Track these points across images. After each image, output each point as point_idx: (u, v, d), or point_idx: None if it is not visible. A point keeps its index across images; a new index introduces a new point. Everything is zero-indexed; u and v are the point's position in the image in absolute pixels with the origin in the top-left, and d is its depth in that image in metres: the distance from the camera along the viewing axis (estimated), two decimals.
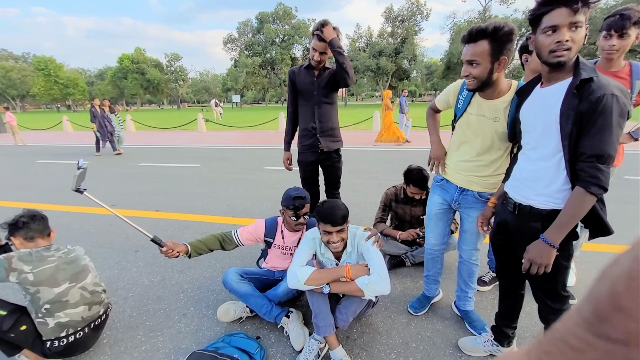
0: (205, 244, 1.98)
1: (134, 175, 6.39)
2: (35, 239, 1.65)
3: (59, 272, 1.62)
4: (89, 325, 1.71)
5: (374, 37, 42.33)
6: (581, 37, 1.10)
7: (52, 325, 1.58)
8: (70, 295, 1.63)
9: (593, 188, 1.12)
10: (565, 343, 0.29)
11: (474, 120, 1.63)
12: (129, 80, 54.93)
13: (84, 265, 1.74)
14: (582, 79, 1.10)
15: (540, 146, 1.28)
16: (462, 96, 1.67)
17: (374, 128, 12.78)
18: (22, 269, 1.53)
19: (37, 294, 1.55)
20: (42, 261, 1.59)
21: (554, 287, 1.34)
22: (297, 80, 2.53)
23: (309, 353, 1.68)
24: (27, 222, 1.63)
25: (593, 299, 0.28)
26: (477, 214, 1.75)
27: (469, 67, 1.45)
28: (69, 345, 1.63)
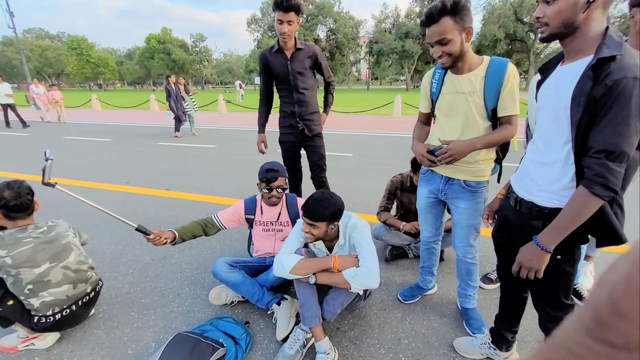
0: (190, 230, 1.99)
1: (150, 153, 6.53)
2: (15, 220, 1.62)
3: (38, 253, 1.60)
4: (76, 303, 1.73)
5: (402, 17, 40.51)
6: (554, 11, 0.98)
7: (38, 306, 1.60)
8: (52, 275, 1.62)
9: (597, 188, 0.95)
10: (567, 350, 0.29)
11: (449, 99, 1.54)
12: (156, 60, 55.89)
13: (65, 244, 1.72)
14: (600, 58, 0.91)
15: (549, 135, 1.11)
16: (435, 79, 1.59)
17: (394, 113, 12.37)
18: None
19: (18, 275, 1.55)
20: (17, 243, 1.56)
21: (554, 294, 1.20)
22: (271, 65, 2.44)
23: (295, 342, 1.64)
24: (10, 202, 1.57)
25: (593, 305, 0.28)
26: (465, 204, 1.63)
27: (440, 47, 1.39)
28: (57, 322, 1.65)
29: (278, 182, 1.95)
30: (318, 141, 2.67)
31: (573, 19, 0.96)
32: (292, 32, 2.27)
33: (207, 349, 1.55)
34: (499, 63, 1.44)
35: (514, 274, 1.19)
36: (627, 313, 0.24)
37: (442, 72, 1.57)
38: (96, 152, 6.69)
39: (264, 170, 1.97)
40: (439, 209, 1.83)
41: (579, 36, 0.99)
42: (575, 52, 1.03)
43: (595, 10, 0.94)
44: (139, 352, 1.70)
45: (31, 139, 8.45)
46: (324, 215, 1.58)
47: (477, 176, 1.61)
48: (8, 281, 1.58)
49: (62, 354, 1.70)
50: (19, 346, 1.70)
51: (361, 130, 9.30)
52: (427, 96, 1.68)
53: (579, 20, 0.96)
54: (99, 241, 2.85)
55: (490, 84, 1.44)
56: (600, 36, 0.96)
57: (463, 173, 1.61)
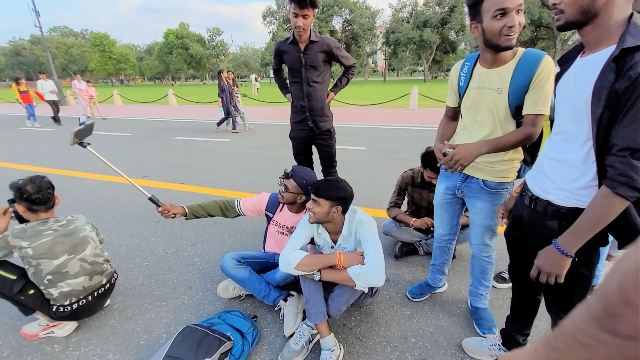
0: (205, 208, 2.05)
1: (168, 148, 6.68)
2: (37, 212, 1.70)
3: (57, 245, 1.68)
4: (92, 294, 1.80)
5: (420, 6, 39.34)
6: None
7: (56, 295, 1.68)
8: (69, 266, 1.70)
9: (622, 189, 0.87)
10: (574, 339, 0.29)
11: (476, 94, 1.43)
12: (174, 55, 56.87)
13: (82, 237, 1.80)
14: (624, 49, 0.83)
15: (568, 131, 1.04)
16: (463, 72, 1.49)
17: (410, 105, 12.11)
18: (21, 245, 1.60)
19: (38, 266, 1.63)
20: (38, 235, 1.64)
21: (569, 298, 1.14)
22: (284, 57, 2.44)
23: (300, 338, 1.65)
24: (32, 196, 1.66)
25: (602, 295, 0.27)
26: (482, 204, 1.56)
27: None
28: (74, 312, 1.73)
29: (288, 181, 1.94)
30: (328, 138, 2.66)
31: (591, 5, 0.88)
32: (307, 25, 2.26)
33: (214, 342, 1.58)
34: (532, 55, 1.30)
35: (533, 278, 1.13)
36: (636, 304, 0.24)
37: (471, 65, 1.46)
38: (115, 147, 6.91)
39: (292, 166, 2.06)
40: (456, 207, 1.76)
41: (599, 24, 0.91)
42: (596, 42, 0.95)
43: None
44: (150, 342, 1.76)
45: (54, 134, 8.81)
46: (329, 193, 1.59)
47: (498, 177, 1.51)
48: (29, 271, 1.67)
49: (80, 342, 1.78)
50: (40, 334, 1.79)
51: (376, 123, 9.16)
52: (454, 89, 1.58)
53: (598, 6, 0.88)
54: (116, 234, 2.95)
55: (519, 78, 1.31)
56: (623, 24, 0.88)
57: (482, 172, 1.53)
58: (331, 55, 2.45)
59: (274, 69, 2.75)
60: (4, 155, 6.25)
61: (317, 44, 2.37)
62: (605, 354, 0.27)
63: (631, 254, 0.26)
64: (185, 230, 3.01)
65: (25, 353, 1.71)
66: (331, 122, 2.65)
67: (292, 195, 1.95)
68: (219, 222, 3.15)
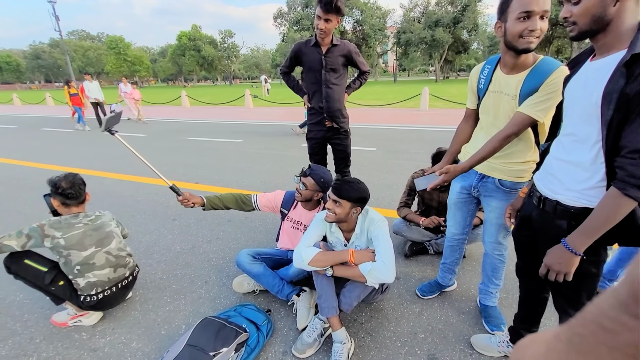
0: (223, 200, 2.14)
1: (182, 148, 6.85)
2: (70, 206, 1.84)
3: (86, 238, 1.80)
4: (117, 285, 1.91)
5: (432, 5, 39.00)
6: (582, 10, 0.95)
7: (83, 285, 1.79)
8: (96, 258, 1.82)
9: (632, 190, 0.90)
10: (599, 325, 0.28)
11: (494, 98, 1.46)
12: (187, 57, 57.90)
13: (108, 232, 1.91)
14: (635, 54, 0.86)
15: (577, 133, 1.07)
16: (484, 75, 1.51)
17: (421, 106, 12.06)
18: (54, 235, 1.73)
19: (69, 256, 1.76)
20: (71, 228, 1.78)
21: (577, 296, 1.17)
22: (304, 58, 2.50)
23: (313, 331, 1.72)
24: (66, 191, 1.80)
25: (630, 280, 0.27)
26: (497, 203, 1.59)
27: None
28: (99, 301, 1.84)
29: (306, 179, 2.00)
30: (344, 138, 2.73)
31: (603, 13, 0.92)
32: (330, 30, 2.34)
33: (231, 333, 1.66)
34: (548, 64, 1.32)
35: (542, 276, 1.17)
36: None
37: (492, 68, 1.48)
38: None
39: (309, 165, 2.13)
40: (469, 207, 1.80)
41: (611, 31, 0.94)
42: (607, 47, 0.98)
43: (626, 2, 0.90)
44: (170, 332, 1.86)
45: (84, 135, 9.11)
46: (350, 195, 1.65)
47: (514, 176, 1.54)
48: (60, 261, 1.79)
49: (105, 331, 1.89)
50: (69, 322, 1.92)
51: (386, 123, 9.18)
52: (473, 91, 1.62)
53: (611, 14, 0.91)
54: (135, 230, 3.07)
55: (528, 86, 1.34)
56: (634, 29, 0.91)
57: (499, 172, 1.56)
58: (350, 59, 2.54)
59: (285, 72, 2.78)
60: (53, 157, 6.52)
61: (338, 48, 2.45)
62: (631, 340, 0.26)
63: None
64: (201, 228, 3.12)
65: (56, 339, 1.83)
66: (348, 123, 2.73)
67: (310, 192, 2.02)
68: (232, 220, 3.25)
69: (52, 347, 1.78)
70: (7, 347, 1.78)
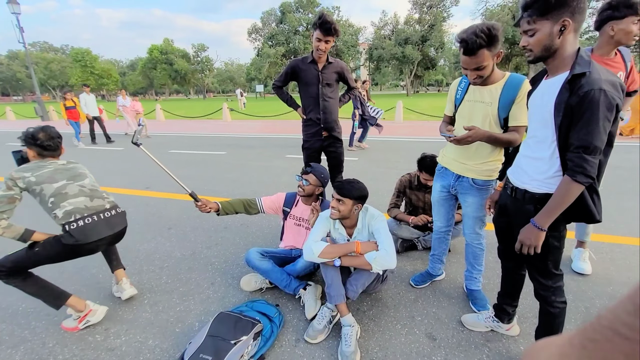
0: (233, 205, 2.29)
1: (164, 161, 6.79)
2: (45, 158, 1.92)
3: (57, 174, 1.88)
4: (97, 215, 1.90)
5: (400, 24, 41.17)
6: (535, 41, 1.25)
7: (62, 215, 1.80)
8: (68, 188, 1.87)
9: (579, 177, 1.20)
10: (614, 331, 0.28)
11: (470, 106, 1.77)
12: (158, 70, 56.86)
13: (81, 172, 2.00)
14: (574, 74, 1.17)
15: (538, 135, 1.36)
16: (461, 87, 1.83)
17: (396, 118, 12.67)
18: (24, 176, 1.79)
19: (42, 191, 1.81)
20: (40, 168, 1.86)
21: (545, 266, 1.44)
22: (301, 74, 2.70)
23: (322, 319, 1.88)
24: (44, 142, 1.87)
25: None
26: (472, 199, 1.87)
27: (476, 72, 1.61)
28: (82, 229, 1.82)
29: (308, 176, 2.23)
30: (339, 147, 2.96)
31: (551, 44, 1.23)
32: (327, 49, 2.59)
33: (248, 324, 1.79)
34: (516, 79, 1.67)
35: (517, 251, 1.43)
36: None
37: (468, 82, 1.80)
38: (112, 160, 6.98)
39: (308, 164, 2.35)
40: (451, 202, 2.07)
41: (557, 57, 1.26)
42: (555, 69, 1.29)
43: (568, 35, 1.20)
44: (185, 330, 1.95)
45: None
46: (352, 193, 1.85)
47: (484, 175, 1.83)
48: (36, 200, 1.84)
49: (119, 332, 1.94)
50: (79, 325, 1.95)
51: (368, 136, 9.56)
52: (452, 100, 1.92)
53: (556, 44, 1.23)
54: (132, 240, 3.10)
55: (506, 96, 1.66)
56: (573, 56, 1.23)
57: (472, 172, 1.85)
58: (342, 76, 2.81)
59: (278, 86, 2.96)
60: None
61: (332, 65, 2.71)
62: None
63: None
64: (198, 235, 3.19)
65: (70, 343, 1.87)
66: (341, 133, 2.96)
67: (312, 187, 2.24)
68: (229, 227, 3.35)
69: (67, 350, 1.82)
70: (20, 353, 1.80)
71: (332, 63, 2.70)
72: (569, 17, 1.16)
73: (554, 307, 1.49)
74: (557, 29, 1.19)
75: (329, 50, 2.59)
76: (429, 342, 1.82)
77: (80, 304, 1.96)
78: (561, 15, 1.17)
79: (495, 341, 1.81)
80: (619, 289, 2.21)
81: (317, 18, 2.46)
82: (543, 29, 1.21)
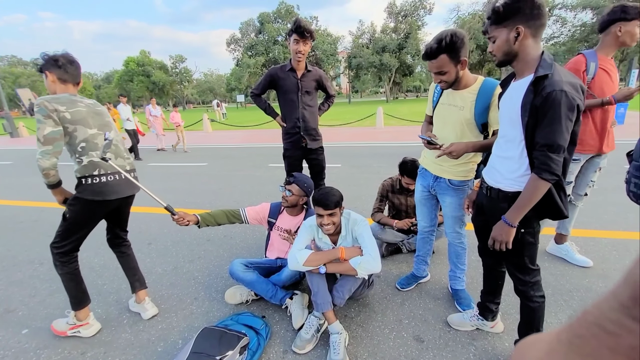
0: (213, 217, 2.21)
1: (143, 174, 6.62)
2: (67, 83, 1.81)
3: (90, 118, 1.81)
4: (119, 174, 1.87)
5: (377, 33, 42.21)
6: (496, 47, 1.33)
7: (86, 163, 1.76)
8: (99, 139, 1.81)
9: (545, 174, 1.25)
10: (600, 327, 0.28)
11: (444, 109, 1.82)
12: (135, 83, 55.62)
13: (108, 121, 1.93)
14: (537, 76, 1.23)
15: (507, 135, 1.42)
16: (437, 90, 1.89)
17: (377, 124, 12.88)
18: (59, 109, 1.69)
19: (74, 132, 1.73)
20: (74, 104, 1.76)
21: (522, 261, 1.48)
22: (280, 82, 2.70)
23: (310, 328, 1.85)
24: (66, 65, 1.77)
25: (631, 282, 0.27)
26: (450, 199, 1.92)
27: (439, 76, 1.67)
28: (103, 185, 1.80)
29: (291, 187, 2.21)
30: (320, 154, 2.95)
31: (510, 50, 1.31)
32: (306, 52, 2.59)
33: (233, 338, 1.74)
34: (489, 84, 1.70)
35: (490, 247, 1.47)
36: None
37: None
38: None
39: (291, 174, 2.31)
40: (432, 202, 2.11)
41: (520, 60, 1.32)
42: (521, 71, 1.36)
43: (525, 40, 1.27)
44: (168, 348, 1.87)
45: None
46: (336, 201, 1.85)
47: (460, 176, 1.88)
48: (65, 139, 1.74)
49: (97, 356, 1.84)
50: (67, 332, 1.91)
51: (346, 141, 9.68)
52: (431, 101, 1.98)
53: (514, 49, 1.30)
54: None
55: (480, 102, 1.69)
56: (537, 59, 1.29)
57: (448, 173, 1.90)
58: (321, 84, 2.82)
59: (257, 94, 2.92)
60: None
61: (311, 73, 2.72)
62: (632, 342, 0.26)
63: None
64: (180, 249, 3.11)
65: None
66: (321, 141, 2.97)
67: (296, 197, 2.22)
68: (211, 239, 3.28)
69: None
70: None
71: (310, 71, 2.72)
72: (523, 24, 1.24)
73: (533, 301, 1.53)
74: (513, 36, 1.26)
75: (307, 54, 2.61)
76: (417, 345, 1.82)
77: (84, 314, 1.96)
78: (515, 23, 1.25)
79: (481, 339, 1.84)
80: (595, 281, 2.30)
81: (292, 24, 2.49)
82: (500, 35, 1.30)
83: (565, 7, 29.85)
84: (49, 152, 1.66)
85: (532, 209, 1.33)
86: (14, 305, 2.35)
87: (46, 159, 1.66)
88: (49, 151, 1.66)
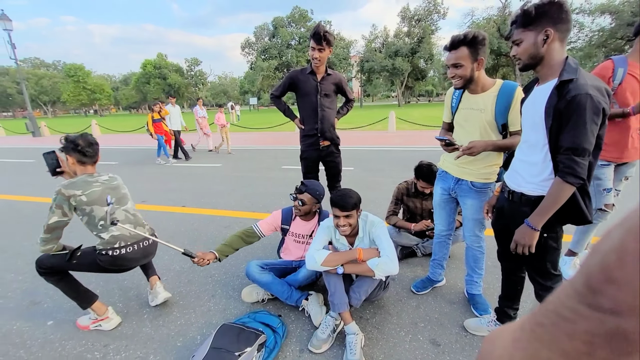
0: (231, 245, 2.22)
1: (161, 174, 6.79)
2: (86, 165, 1.94)
3: (105, 194, 1.91)
4: (137, 244, 2.00)
5: (390, 37, 42.12)
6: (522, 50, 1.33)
7: (107, 238, 1.88)
8: (117, 214, 1.91)
9: (569, 178, 1.25)
10: (558, 314, 0.29)
11: (465, 113, 1.84)
12: (152, 85, 56.99)
13: (124, 193, 2.05)
14: (562, 80, 1.23)
15: (531, 139, 1.42)
16: (455, 96, 1.91)
17: (389, 128, 12.84)
18: (75, 194, 1.82)
19: (92, 212, 1.85)
20: (89, 185, 1.88)
21: (544, 266, 1.47)
22: (300, 85, 2.74)
23: (326, 328, 1.87)
24: (85, 149, 1.90)
25: (585, 272, 0.28)
26: (471, 202, 1.91)
27: (454, 69, 1.70)
28: (122, 257, 1.93)
29: (303, 196, 2.22)
30: (337, 156, 2.97)
31: (537, 53, 1.31)
32: (324, 58, 2.63)
33: (251, 335, 1.77)
34: (509, 85, 1.73)
35: (512, 251, 1.46)
36: (618, 279, 0.25)
37: (461, 91, 1.88)
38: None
39: (301, 182, 2.32)
40: (451, 205, 2.11)
41: (545, 64, 1.33)
42: (545, 76, 1.36)
43: (552, 44, 1.27)
44: (187, 343, 1.92)
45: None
46: (354, 203, 1.87)
47: (483, 178, 1.88)
48: (83, 220, 1.87)
49: (118, 348, 1.90)
50: (90, 326, 2.01)
51: (359, 145, 9.67)
52: (448, 107, 2.00)
53: (542, 53, 1.30)
54: None
55: (501, 103, 1.72)
56: (561, 63, 1.29)
57: (471, 175, 1.90)
58: (340, 88, 2.85)
59: (277, 96, 2.97)
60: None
61: (331, 77, 2.76)
62: (587, 328, 0.27)
63: (615, 231, 0.27)
64: (197, 248, 3.16)
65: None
66: (339, 144, 2.98)
67: (308, 206, 2.24)
68: None
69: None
70: None
71: (330, 75, 2.75)
72: (552, 27, 1.25)
73: None
74: (541, 38, 1.26)
75: (325, 60, 2.65)
76: (433, 348, 1.82)
77: (102, 309, 2.05)
78: (544, 26, 1.25)
79: None
80: None
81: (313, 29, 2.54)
82: (528, 38, 1.30)
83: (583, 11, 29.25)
84: (47, 239, 1.86)
85: (555, 213, 1.32)
86: (40, 297, 2.45)
87: (42, 245, 1.87)
88: (47, 238, 1.86)
